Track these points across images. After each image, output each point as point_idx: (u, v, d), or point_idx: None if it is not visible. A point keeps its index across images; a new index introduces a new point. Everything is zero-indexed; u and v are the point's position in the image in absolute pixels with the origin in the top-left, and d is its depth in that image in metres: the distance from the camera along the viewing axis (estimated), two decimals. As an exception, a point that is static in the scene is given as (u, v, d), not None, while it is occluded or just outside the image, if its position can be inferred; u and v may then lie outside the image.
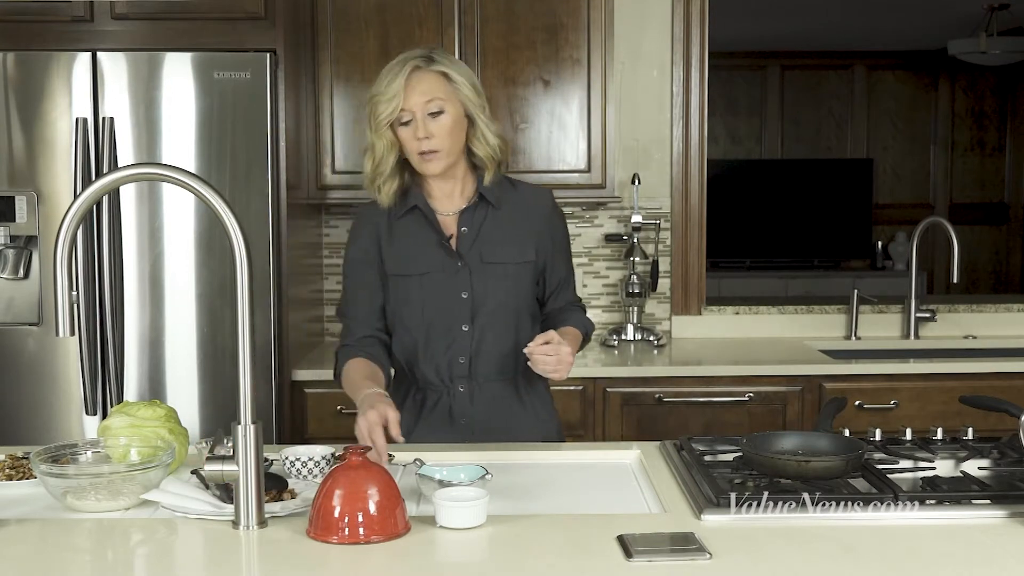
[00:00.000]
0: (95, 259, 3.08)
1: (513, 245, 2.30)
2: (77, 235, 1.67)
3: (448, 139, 2.21)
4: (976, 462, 1.97)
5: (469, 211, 2.30)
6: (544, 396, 2.40)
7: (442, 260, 2.27)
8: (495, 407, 2.31)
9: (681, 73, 3.85)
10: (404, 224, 2.31)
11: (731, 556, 1.52)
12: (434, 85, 2.20)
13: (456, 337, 2.28)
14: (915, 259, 3.98)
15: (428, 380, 2.31)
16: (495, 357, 2.29)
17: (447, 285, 2.27)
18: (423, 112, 2.19)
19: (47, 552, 1.59)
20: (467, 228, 2.29)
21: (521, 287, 2.31)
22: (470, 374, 2.30)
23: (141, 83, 3.07)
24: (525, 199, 2.35)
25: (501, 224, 2.30)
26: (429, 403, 2.32)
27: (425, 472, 1.85)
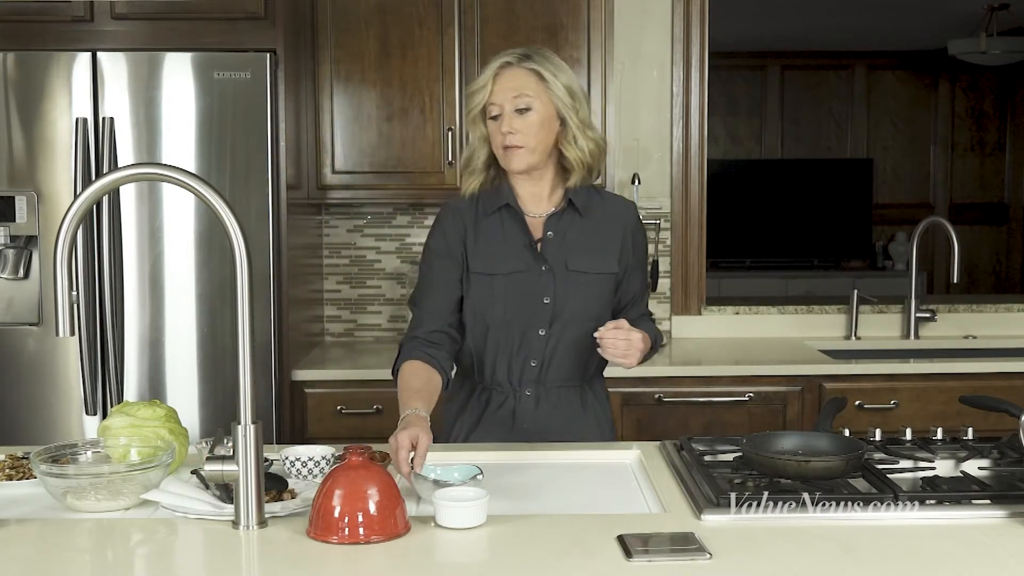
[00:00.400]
0: (95, 259, 3.08)
1: (597, 255, 2.30)
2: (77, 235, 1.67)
3: (534, 137, 2.22)
4: (976, 462, 1.97)
5: (556, 216, 2.30)
6: (606, 409, 2.41)
7: (528, 262, 2.28)
8: (558, 414, 2.31)
9: (681, 73, 3.85)
10: (493, 221, 2.31)
11: (731, 556, 1.52)
12: (523, 82, 2.22)
13: (532, 340, 2.28)
14: (915, 259, 3.98)
15: (496, 381, 2.31)
16: (566, 364, 2.29)
17: (530, 288, 2.27)
18: (511, 107, 2.21)
19: (47, 552, 1.59)
20: (553, 233, 2.29)
21: (601, 297, 2.31)
22: (539, 378, 2.30)
23: (141, 83, 3.07)
24: (611, 210, 2.35)
25: (586, 233, 2.31)
26: (493, 405, 2.32)
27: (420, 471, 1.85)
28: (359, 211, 3.86)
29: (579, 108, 2.25)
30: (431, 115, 3.50)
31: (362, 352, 3.66)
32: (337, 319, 3.89)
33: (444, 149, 3.50)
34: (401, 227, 3.88)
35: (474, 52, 3.48)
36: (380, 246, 3.88)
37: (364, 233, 3.88)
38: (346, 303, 3.89)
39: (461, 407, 2.36)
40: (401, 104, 3.50)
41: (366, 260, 3.89)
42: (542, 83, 2.22)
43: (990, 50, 6.74)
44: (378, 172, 3.53)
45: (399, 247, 3.88)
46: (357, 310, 3.90)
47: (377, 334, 3.89)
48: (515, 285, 2.27)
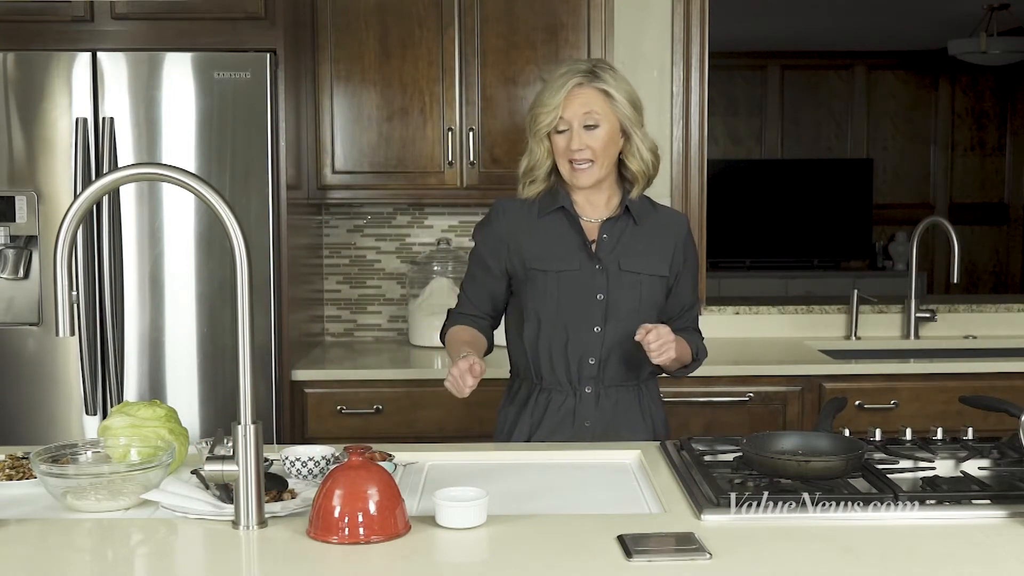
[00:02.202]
0: (95, 259, 3.08)
1: (649, 258, 2.37)
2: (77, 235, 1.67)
3: (601, 152, 2.30)
4: (976, 462, 1.97)
5: (611, 221, 2.37)
6: (660, 410, 2.46)
7: (581, 261, 2.33)
8: (617, 412, 2.36)
9: (681, 73, 3.85)
10: (548, 222, 2.37)
11: (731, 556, 1.52)
12: (592, 99, 2.29)
13: (588, 337, 2.32)
14: (915, 259, 3.98)
15: (556, 380, 2.35)
16: (623, 361, 2.34)
17: (584, 285, 2.32)
18: (580, 123, 2.29)
19: (47, 552, 1.59)
20: (608, 236, 2.36)
21: (652, 298, 2.36)
22: (598, 376, 2.34)
23: (141, 83, 3.07)
24: (664, 220, 2.44)
25: (640, 238, 2.37)
26: (554, 405, 2.35)
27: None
28: (359, 211, 3.86)
29: (641, 121, 2.35)
30: (431, 115, 3.50)
31: (362, 352, 3.66)
32: (337, 319, 3.89)
33: (444, 149, 3.50)
34: (401, 227, 3.88)
35: (474, 52, 3.48)
36: (380, 246, 3.88)
37: (364, 233, 3.88)
38: (346, 303, 3.89)
39: (519, 410, 2.40)
40: (401, 104, 3.50)
41: (366, 260, 3.89)
42: (609, 100, 2.30)
43: (990, 50, 6.74)
44: (378, 172, 3.53)
45: (399, 247, 3.88)
46: (357, 310, 3.90)
47: (377, 334, 3.89)
48: (569, 282, 2.33)
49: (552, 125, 2.31)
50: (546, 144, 2.34)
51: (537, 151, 2.35)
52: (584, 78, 2.30)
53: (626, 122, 2.32)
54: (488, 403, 3.13)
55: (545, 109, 2.31)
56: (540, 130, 2.32)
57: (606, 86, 2.30)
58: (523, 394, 2.40)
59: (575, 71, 2.31)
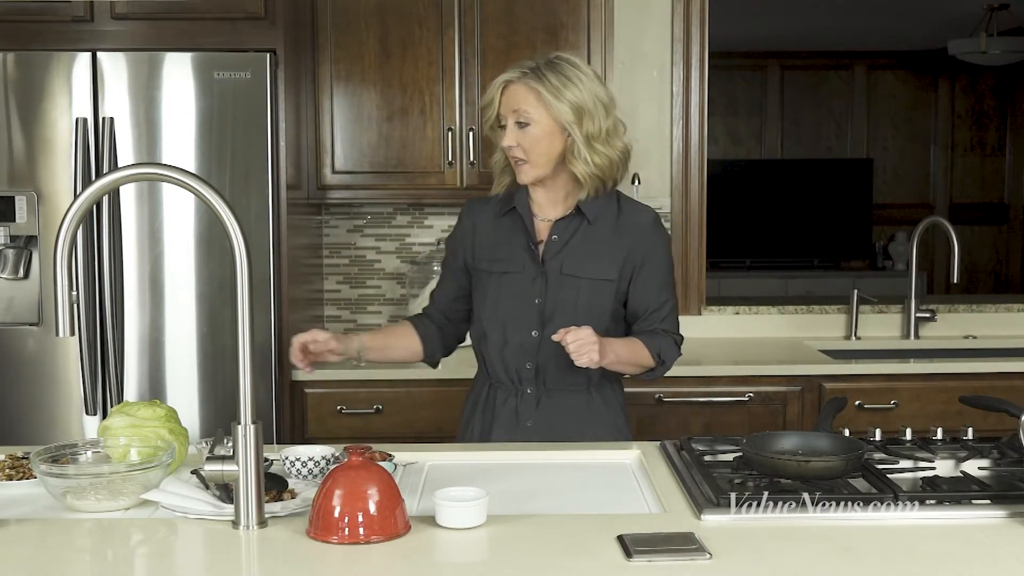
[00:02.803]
0: (95, 259, 3.08)
1: (596, 261, 2.29)
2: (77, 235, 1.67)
3: (531, 151, 2.25)
4: (976, 462, 1.97)
5: (564, 221, 2.32)
6: (619, 416, 2.39)
7: (524, 263, 2.31)
8: (562, 417, 2.32)
9: (681, 73, 3.85)
10: (503, 222, 2.37)
11: (731, 556, 1.52)
12: (522, 98, 2.24)
13: (526, 341, 2.30)
14: (915, 259, 3.98)
15: (499, 378, 2.35)
16: (563, 368, 2.26)
17: (523, 288, 2.30)
18: (511, 121, 2.26)
19: (47, 552, 1.59)
20: (557, 237, 2.31)
21: (596, 304, 2.28)
22: (536, 380, 2.32)
23: (141, 83, 3.07)
24: (624, 218, 2.33)
25: (591, 239, 2.30)
26: (499, 401, 2.35)
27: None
28: (359, 211, 3.86)
29: (585, 123, 2.22)
30: (431, 115, 3.50)
31: (362, 352, 3.65)
32: (337, 319, 3.89)
33: (444, 149, 3.50)
34: (401, 227, 3.88)
35: (474, 52, 3.48)
36: (380, 246, 3.88)
37: (364, 233, 3.88)
38: (346, 303, 3.89)
39: (475, 402, 2.41)
40: (401, 104, 3.50)
41: (366, 260, 3.89)
42: (541, 99, 2.22)
43: (990, 50, 6.74)
44: (378, 172, 3.53)
45: (399, 247, 3.88)
46: (357, 310, 3.90)
47: (377, 334, 3.88)
48: (508, 284, 2.31)
49: (489, 120, 2.30)
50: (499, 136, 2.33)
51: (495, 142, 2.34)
52: (517, 76, 2.23)
53: (565, 123, 2.21)
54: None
55: (484, 104, 2.32)
56: (487, 123, 2.32)
57: (540, 86, 2.20)
58: (478, 389, 2.42)
59: (517, 67, 2.26)
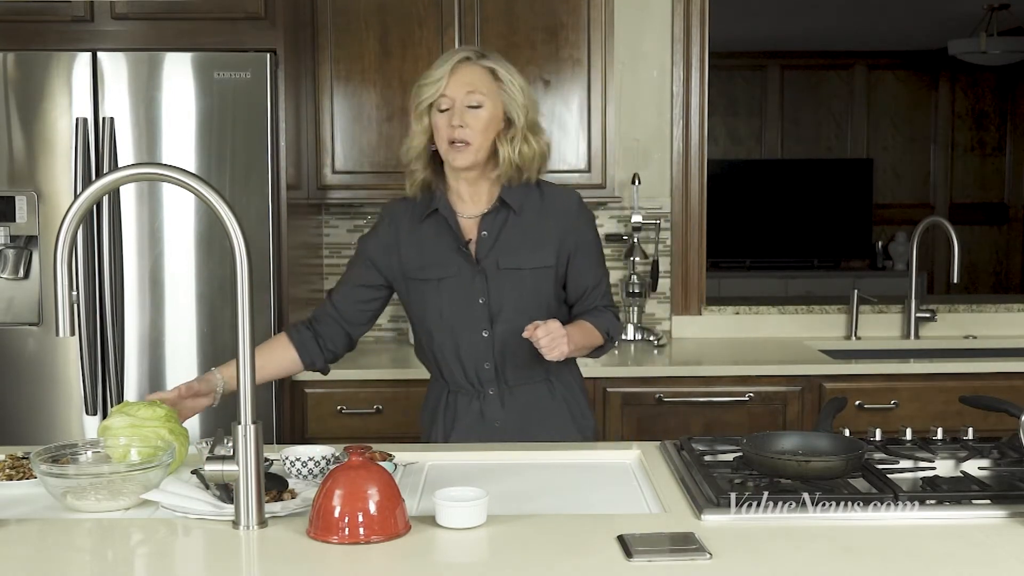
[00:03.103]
0: (95, 259, 3.08)
1: (532, 250, 2.28)
2: (77, 235, 1.67)
3: (481, 134, 2.21)
4: (976, 462, 1.97)
5: (490, 216, 2.29)
6: (580, 397, 2.40)
7: (459, 265, 2.27)
8: (528, 411, 2.32)
9: (681, 73, 3.85)
10: (425, 227, 2.31)
11: (731, 556, 1.52)
12: (478, 78, 2.21)
13: (478, 343, 2.28)
14: (915, 259, 3.98)
15: (458, 383, 2.33)
16: (521, 362, 2.28)
17: (464, 290, 2.27)
18: (462, 102, 2.20)
19: (47, 552, 1.59)
20: (487, 233, 2.28)
21: (540, 292, 2.29)
22: (498, 378, 2.30)
23: (141, 83, 3.07)
24: (548, 202, 2.31)
25: (522, 229, 2.28)
26: (462, 406, 2.33)
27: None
28: (359, 211, 3.86)
29: (530, 110, 2.25)
30: (431, 115, 3.50)
31: (362, 352, 3.65)
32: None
33: (444, 149, 3.49)
34: (401, 227, 3.88)
35: (474, 52, 3.47)
36: (380, 246, 3.88)
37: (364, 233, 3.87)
38: (346, 303, 3.89)
39: (434, 410, 2.38)
40: (401, 104, 3.50)
41: (366, 260, 3.88)
42: (496, 82, 2.22)
43: (990, 50, 6.74)
44: (378, 172, 3.53)
45: (399, 247, 3.88)
46: (357, 310, 3.89)
47: (377, 334, 3.89)
48: (449, 289, 2.27)
49: (433, 99, 2.20)
50: (425, 122, 2.24)
51: (415, 129, 2.26)
52: (474, 55, 2.22)
53: (513, 107, 2.22)
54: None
55: (428, 81, 2.22)
56: (421, 104, 2.22)
57: (495, 65, 2.22)
58: (435, 394, 2.39)
59: (463, 49, 2.25)
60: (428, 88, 2.22)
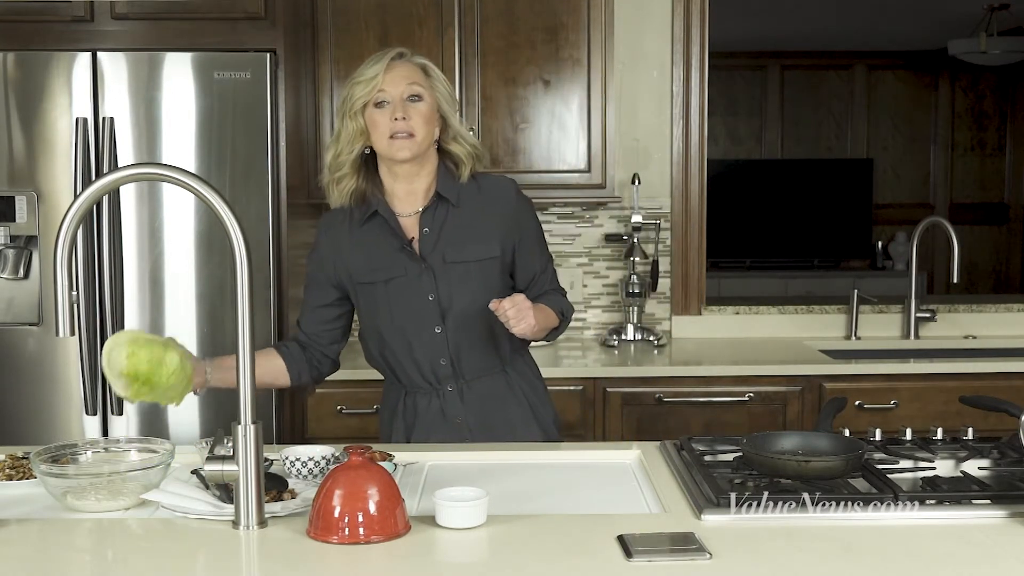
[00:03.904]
0: (95, 259, 3.08)
1: (476, 242, 2.27)
2: (77, 235, 1.67)
3: (424, 126, 2.21)
4: (976, 462, 1.97)
5: (429, 212, 2.28)
6: (537, 386, 2.40)
7: (405, 264, 2.26)
8: (487, 404, 2.32)
9: (681, 73, 3.85)
10: (366, 231, 2.29)
11: (731, 556, 1.52)
12: (414, 73, 2.24)
13: (431, 340, 2.27)
14: (915, 259, 3.98)
15: (415, 383, 2.32)
16: (477, 355, 2.29)
17: (413, 289, 2.26)
18: (401, 96, 2.20)
19: (47, 552, 1.59)
20: (428, 229, 2.27)
21: (489, 284, 2.28)
22: (455, 374, 2.30)
23: (141, 83, 3.07)
24: (486, 193, 2.32)
25: (463, 222, 2.28)
26: (421, 406, 2.32)
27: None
28: (359, 211, 3.85)
29: (456, 112, 2.31)
30: (431, 115, 3.50)
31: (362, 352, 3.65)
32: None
33: (444, 149, 3.49)
34: (401, 227, 3.88)
35: (474, 52, 3.48)
36: (380, 246, 3.87)
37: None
38: (346, 303, 3.89)
39: (392, 412, 2.37)
40: (401, 104, 3.49)
41: (366, 260, 3.88)
42: (428, 78, 2.25)
43: (990, 50, 6.74)
44: (378, 172, 3.52)
45: (399, 247, 3.88)
46: (357, 310, 3.89)
47: (377, 334, 3.88)
48: (397, 289, 2.26)
49: (370, 96, 2.19)
50: (359, 122, 2.22)
51: (346, 132, 2.23)
52: (404, 54, 2.25)
53: (443, 103, 2.25)
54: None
55: (363, 79, 2.21)
56: (356, 103, 2.21)
57: (424, 62, 2.26)
58: (392, 398, 2.37)
59: (391, 49, 2.25)
60: (363, 86, 2.20)
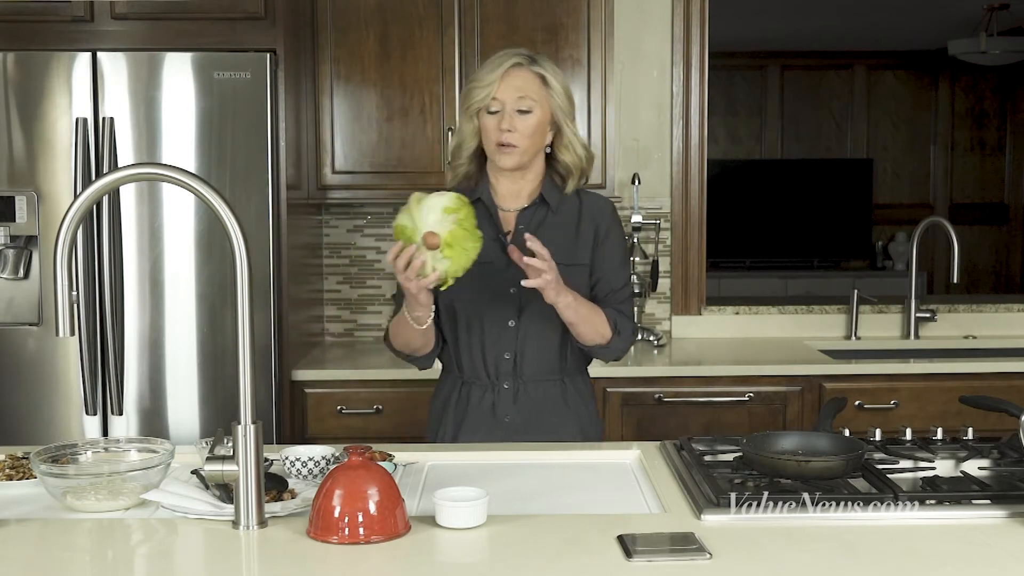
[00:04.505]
0: (95, 259, 3.08)
1: (567, 249, 2.30)
2: (77, 235, 1.67)
3: (528, 139, 2.26)
4: (976, 462, 1.97)
5: (529, 211, 2.33)
6: (590, 405, 2.41)
7: (496, 254, 2.29)
8: (539, 408, 2.33)
9: (681, 73, 3.85)
10: None
11: (731, 556, 1.52)
12: (529, 83, 2.26)
13: (503, 332, 2.30)
14: (915, 259, 3.99)
15: (475, 374, 2.34)
16: (541, 356, 2.31)
17: (497, 279, 2.29)
18: (513, 106, 2.24)
19: (47, 552, 1.59)
20: (524, 227, 2.31)
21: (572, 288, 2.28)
22: (515, 371, 2.32)
23: (141, 83, 3.07)
24: (585, 206, 2.37)
25: (558, 228, 2.33)
26: (474, 400, 2.34)
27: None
28: (359, 211, 3.86)
29: (573, 114, 2.32)
30: (431, 115, 3.50)
31: (362, 352, 3.66)
32: (337, 319, 3.89)
33: (444, 149, 3.50)
34: (401, 227, 3.87)
35: (474, 52, 3.48)
36: (380, 246, 3.88)
37: (364, 233, 3.88)
38: (346, 303, 3.89)
39: (444, 404, 2.39)
40: (401, 104, 3.50)
41: (366, 260, 3.89)
42: (545, 88, 2.27)
43: (990, 50, 6.74)
44: (378, 172, 3.53)
45: (399, 247, 3.88)
46: (357, 310, 3.90)
47: (377, 334, 3.89)
48: (483, 276, 2.26)
49: (484, 103, 2.25)
50: (475, 123, 2.28)
51: (465, 129, 2.30)
52: (525, 60, 2.27)
53: (559, 113, 2.28)
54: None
55: (480, 84, 2.26)
56: (472, 107, 2.27)
57: (544, 71, 2.27)
58: (447, 388, 2.39)
59: (515, 52, 2.28)
60: (480, 91, 2.26)
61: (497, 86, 2.24)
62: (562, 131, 2.30)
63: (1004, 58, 6.92)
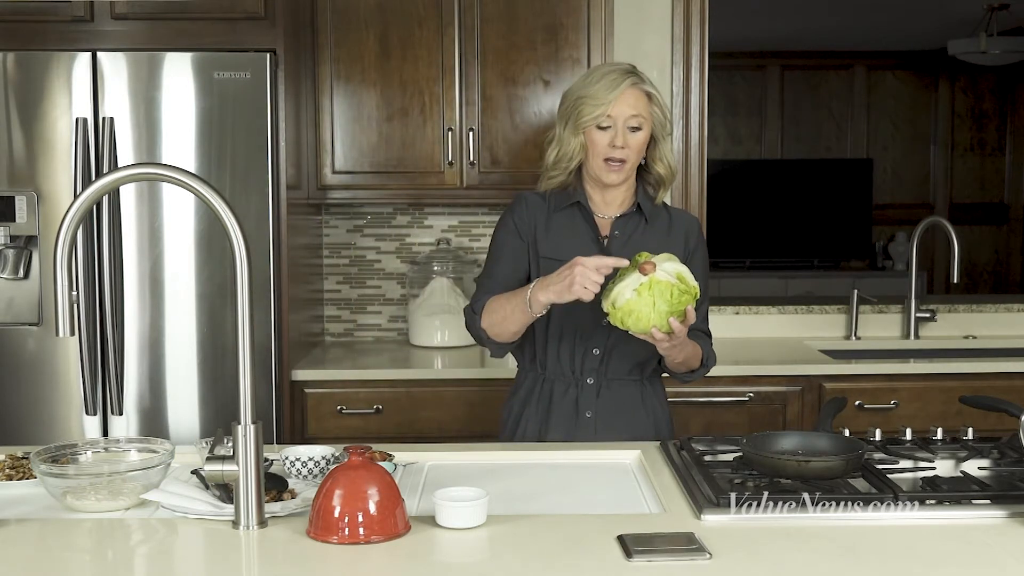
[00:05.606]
0: (95, 259, 3.08)
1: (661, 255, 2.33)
2: (77, 235, 1.67)
3: (636, 155, 2.33)
4: (976, 462, 1.97)
5: (624, 219, 2.39)
6: (666, 409, 2.47)
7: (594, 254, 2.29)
8: (620, 407, 2.37)
9: (681, 73, 3.85)
10: (563, 216, 2.39)
11: (731, 556, 1.52)
12: (640, 101, 2.31)
13: (594, 329, 2.33)
14: (915, 259, 3.98)
15: (560, 370, 2.37)
16: (628, 357, 2.36)
17: None
18: (624, 123, 2.29)
19: (47, 552, 1.59)
20: (619, 232, 2.37)
21: None
22: (601, 368, 2.36)
23: (141, 83, 3.07)
24: (675, 221, 2.45)
25: (651, 237, 2.38)
26: (557, 395, 2.37)
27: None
28: (359, 211, 3.86)
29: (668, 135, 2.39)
30: (431, 115, 3.50)
31: (362, 352, 3.66)
32: (337, 319, 3.89)
33: (444, 149, 3.50)
34: (401, 227, 3.88)
35: (474, 52, 3.48)
36: (380, 246, 3.88)
37: (364, 233, 3.88)
38: (346, 303, 3.89)
39: (524, 400, 2.42)
40: (401, 104, 3.50)
41: (366, 260, 3.89)
42: (651, 105, 2.33)
43: (990, 50, 6.74)
44: (378, 172, 3.53)
45: (399, 247, 3.88)
46: (357, 310, 3.90)
47: (377, 334, 3.89)
48: None
49: (597, 120, 2.29)
50: (582, 138, 2.32)
51: (571, 143, 2.33)
52: (636, 79, 2.32)
53: (659, 128, 2.35)
54: (487, 403, 3.14)
55: (595, 102, 2.29)
56: (583, 122, 2.30)
57: (651, 89, 2.34)
58: (527, 386, 2.42)
59: (628, 70, 2.32)
60: (594, 107, 2.29)
61: (614, 104, 2.29)
62: (658, 145, 2.36)
63: (1004, 58, 6.92)
